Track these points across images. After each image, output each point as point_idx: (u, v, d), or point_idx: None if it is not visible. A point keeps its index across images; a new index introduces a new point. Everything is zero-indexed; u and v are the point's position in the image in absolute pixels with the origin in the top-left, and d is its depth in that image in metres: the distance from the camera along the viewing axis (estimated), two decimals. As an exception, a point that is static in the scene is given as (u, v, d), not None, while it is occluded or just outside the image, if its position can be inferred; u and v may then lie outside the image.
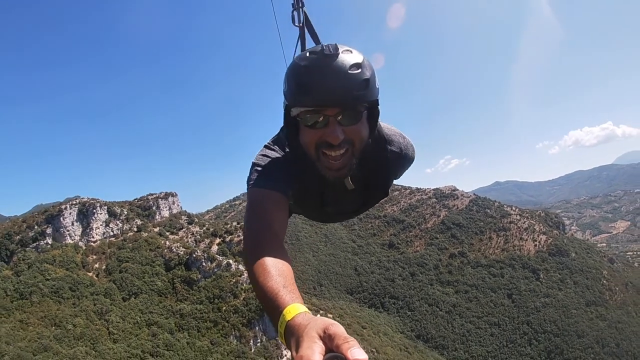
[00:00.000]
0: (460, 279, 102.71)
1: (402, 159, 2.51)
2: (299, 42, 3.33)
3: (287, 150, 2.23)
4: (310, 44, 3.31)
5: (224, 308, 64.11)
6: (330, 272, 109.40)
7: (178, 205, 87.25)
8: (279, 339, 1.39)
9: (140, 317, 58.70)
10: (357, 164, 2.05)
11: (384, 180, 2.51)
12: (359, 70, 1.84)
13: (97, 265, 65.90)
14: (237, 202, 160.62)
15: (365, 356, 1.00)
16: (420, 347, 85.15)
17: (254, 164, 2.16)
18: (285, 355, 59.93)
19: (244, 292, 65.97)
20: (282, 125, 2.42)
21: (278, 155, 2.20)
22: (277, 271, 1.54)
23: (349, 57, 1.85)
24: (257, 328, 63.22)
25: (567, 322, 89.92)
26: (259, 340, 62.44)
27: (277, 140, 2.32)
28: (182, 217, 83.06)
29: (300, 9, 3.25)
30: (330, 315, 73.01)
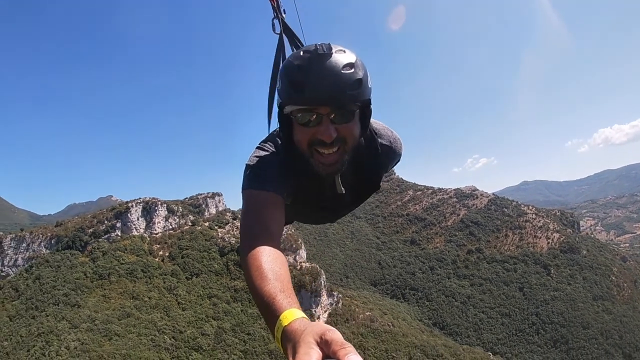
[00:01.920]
0: (475, 273, 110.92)
1: (392, 152, 2.62)
2: (283, 50, 3.29)
3: (280, 149, 2.30)
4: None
5: (270, 284, 76.97)
6: (356, 265, 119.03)
7: (223, 204, 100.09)
8: (276, 344, 1.35)
9: (202, 291, 72.00)
10: (350, 159, 2.15)
11: (377, 173, 2.61)
12: (352, 70, 1.92)
13: (161, 253, 79.48)
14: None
15: None
16: (436, 333, 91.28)
17: (247, 166, 2.23)
18: (321, 316, 71.75)
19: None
20: (272, 127, 2.81)
21: (271, 155, 2.27)
22: (274, 275, 1.55)
23: (342, 56, 1.94)
24: (295, 300, 77.41)
25: (573, 314, 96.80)
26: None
27: (268, 140, 2.41)
28: (227, 213, 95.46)
29: (280, 18, 3.39)
30: (356, 302, 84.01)
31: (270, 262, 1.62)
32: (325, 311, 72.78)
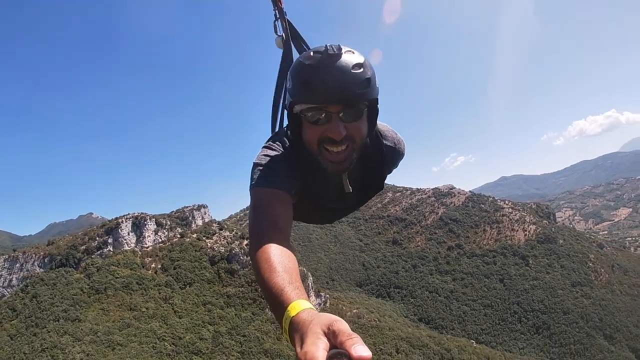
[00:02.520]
0: (457, 268, 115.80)
1: (396, 153, 2.69)
2: (290, 52, 3.33)
3: (288, 147, 2.35)
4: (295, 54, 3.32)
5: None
6: (341, 268, 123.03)
7: (209, 215, 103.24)
8: (283, 334, 1.34)
9: (196, 299, 75.53)
10: (357, 158, 2.19)
11: (381, 173, 2.69)
12: (361, 70, 1.98)
13: (154, 265, 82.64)
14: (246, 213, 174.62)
15: (369, 353, 1.02)
16: (422, 327, 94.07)
17: (255, 164, 2.26)
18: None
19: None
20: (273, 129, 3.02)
21: (279, 154, 2.31)
22: (282, 268, 1.56)
23: (351, 57, 1.99)
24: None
25: (553, 301, 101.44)
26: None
27: (275, 140, 2.45)
28: (213, 224, 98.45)
29: (282, 19, 3.34)
30: (343, 302, 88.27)
31: (279, 255, 1.66)
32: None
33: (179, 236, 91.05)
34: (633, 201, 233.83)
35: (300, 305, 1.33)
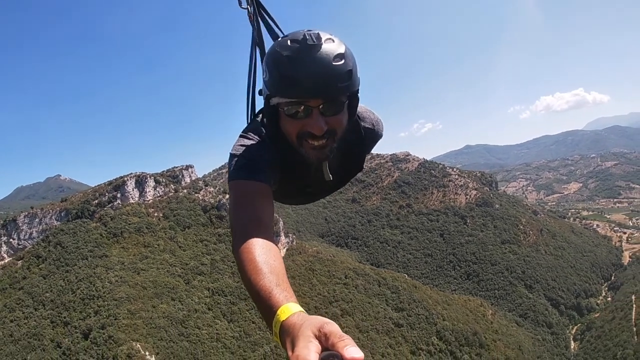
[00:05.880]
0: (405, 224, 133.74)
1: (375, 134, 2.81)
2: (254, 29, 3.27)
3: (265, 138, 2.36)
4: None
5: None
6: (306, 221, 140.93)
7: (195, 174, 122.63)
8: (274, 339, 1.39)
9: (195, 237, 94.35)
10: (336, 147, 2.24)
11: (361, 156, 2.81)
12: (343, 62, 1.98)
13: (157, 214, 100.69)
14: (223, 171, 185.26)
15: (361, 354, 1.05)
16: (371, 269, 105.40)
17: (232, 155, 2.28)
18: (281, 250, 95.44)
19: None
20: (248, 114, 3.08)
21: (257, 144, 2.33)
22: (269, 268, 1.59)
23: (332, 47, 1.99)
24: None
25: (484, 254, 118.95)
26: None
27: (252, 129, 2.47)
28: (200, 182, 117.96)
29: None
30: (307, 246, 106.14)
31: (264, 254, 1.67)
32: (284, 247, 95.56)
33: (173, 191, 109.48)
34: (584, 177, 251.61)
35: (290, 308, 1.38)
